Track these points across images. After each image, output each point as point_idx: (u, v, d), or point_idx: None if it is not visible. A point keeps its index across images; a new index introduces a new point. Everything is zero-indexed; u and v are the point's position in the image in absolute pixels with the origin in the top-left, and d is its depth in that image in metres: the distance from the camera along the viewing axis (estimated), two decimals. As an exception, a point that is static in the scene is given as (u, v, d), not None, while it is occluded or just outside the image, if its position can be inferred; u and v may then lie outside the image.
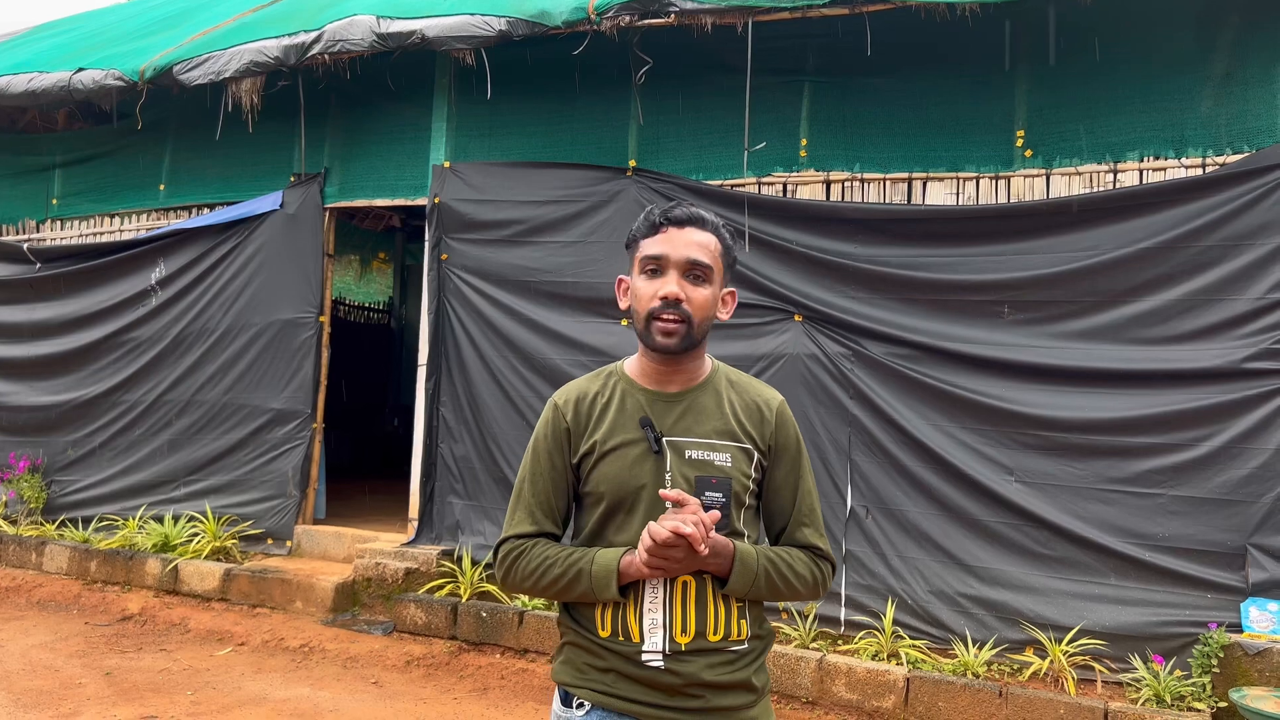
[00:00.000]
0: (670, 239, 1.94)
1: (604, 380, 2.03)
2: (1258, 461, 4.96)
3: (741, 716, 1.90)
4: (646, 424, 1.93)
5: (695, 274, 1.93)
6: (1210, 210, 5.11)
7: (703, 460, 1.92)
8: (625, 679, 1.88)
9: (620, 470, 1.92)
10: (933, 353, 5.63)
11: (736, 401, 2.00)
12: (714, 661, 1.88)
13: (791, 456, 2.01)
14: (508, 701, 5.27)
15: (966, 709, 4.93)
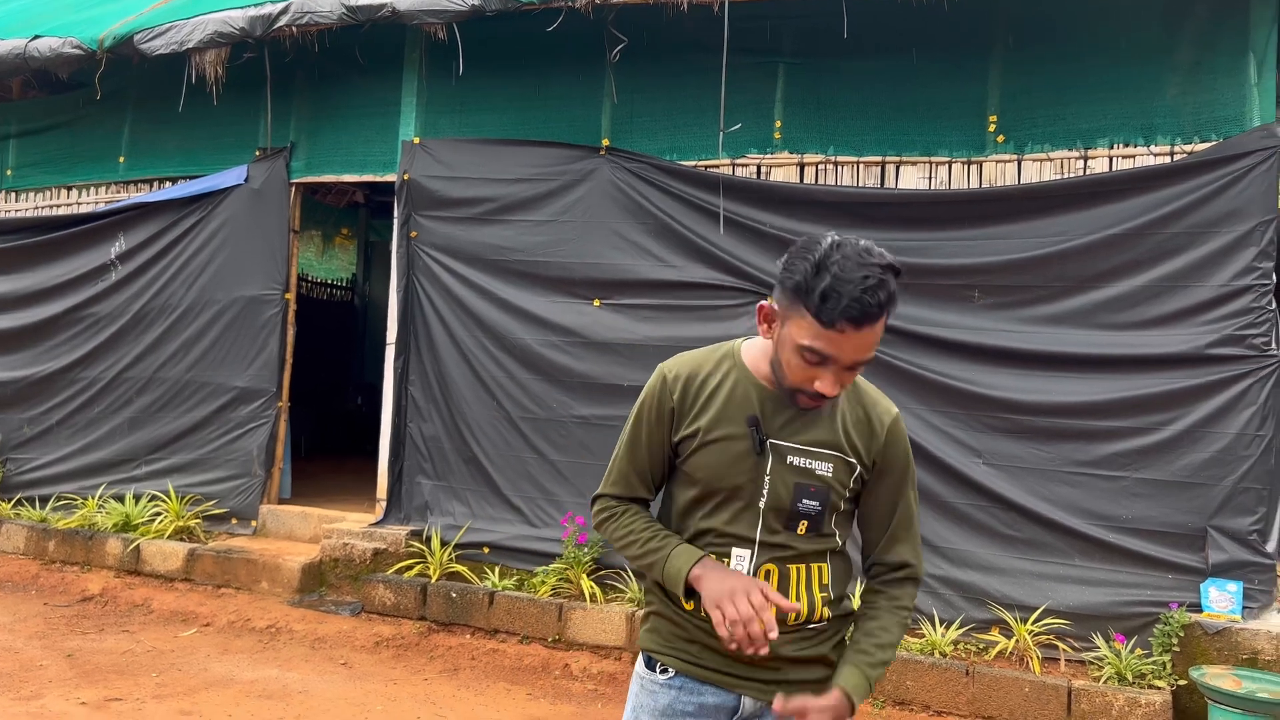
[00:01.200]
0: (843, 342, 1.71)
1: (718, 361, 1.95)
2: (1219, 445, 5.06)
3: (815, 684, 1.92)
4: (753, 423, 1.88)
5: (859, 366, 1.79)
6: (1178, 198, 5.18)
7: (804, 468, 1.89)
8: (708, 650, 1.92)
9: (719, 463, 1.89)
10: (904, 336, 5.66)
11: (849, 413, 1.95)
12: (794, 638, 1.92)
13: (898, 474, 1.98)
14: (479, 682, 5.26)
15: (934, 687, 5.00)
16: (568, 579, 6.03)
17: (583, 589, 5.89)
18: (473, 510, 6.59)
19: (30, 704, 4.61)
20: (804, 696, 1.86)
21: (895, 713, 4.99)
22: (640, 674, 2.03)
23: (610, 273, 6.32)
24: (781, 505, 1.89)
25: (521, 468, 6.51)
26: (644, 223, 6.27)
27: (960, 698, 4.95)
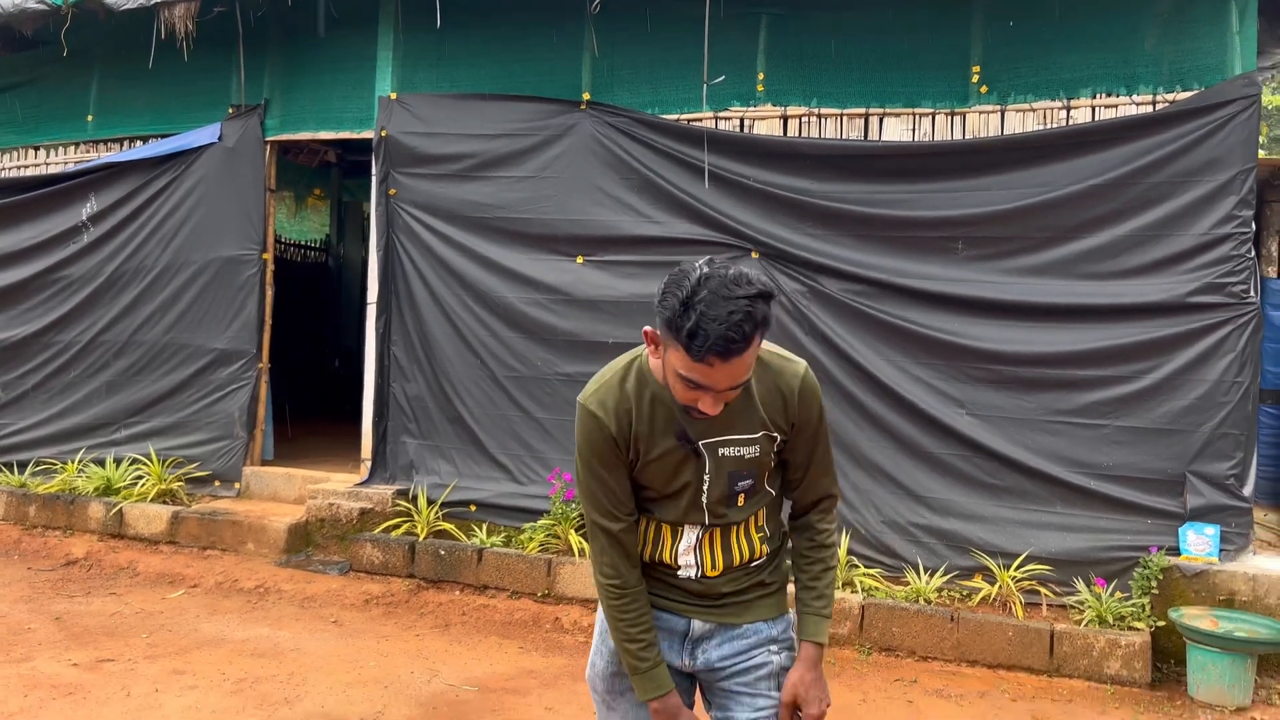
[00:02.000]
0: (714, 374, 1.80)
1: (634, 388, 2.03)
2: (1198, 393, 5.14)
3: (755, 605, 2.16)
4: (682, 436, 2.01)
5: (735, 388, 1.87)
6: (1160, 147, 5.21)
7: (734, 456, 2.04)
8: (663, 584, 2.16)
9: (665, 472, 2.05)
10: (888, 289, 5.69)
11: (761, 394, 2.03)
12: (736, 576, 2.14)
13: (812, 426, 2.10)
14: (470, 637, 5.30)
15: (919, 633, 5.09)
16: (556, 535, 6.06)
17: (571, 544, 5.92)
18: (459, 469, 6.59)
19: (21, 666, 4.60)
20: (790, 679, 2.08)
21: (882, 658, 5.08)
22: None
23: (593, 229, 6.29)
24: (722, 493, 2.06)
25: (507, 426, 6.51)
26: (627, 178, 6.23)
27: (945, 643, 5.04)
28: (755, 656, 2.11)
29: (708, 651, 2.13)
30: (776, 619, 2.15)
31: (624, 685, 2.18)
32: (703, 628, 2.13)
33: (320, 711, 4.21)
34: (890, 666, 4.99)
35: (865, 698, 4.58)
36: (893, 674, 4.89)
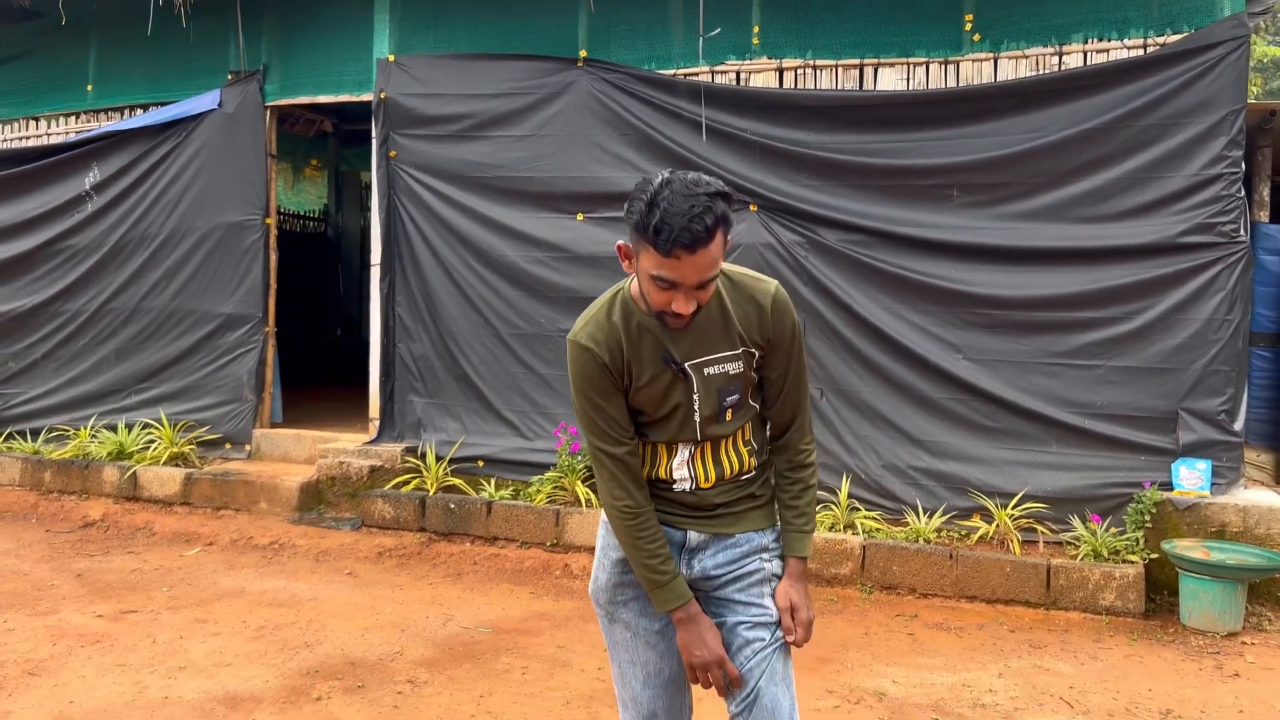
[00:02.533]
0: (684, 267, 1.91)
1: (620, 318, 2.12)
2: (1189, 331, 5.25)
3: (746, 516, 2.26)
4: (669, 360, 2.12)
5: (705, 285, 1.97)
6: (1150, 90, 5.28)
7: (719, 374, 2.15)
8: (660, 498, 2.25)
9: (656, 396, 2.15)
10: (884, 237, 5.78)
11: (735, 310, 2.13)
12: (727, 488, 2.24)
13: (785, 344, 2.19)
14: (482, 584, 5.44)
15: (919, 571, 5.23)
16: (563, 486, 6.19)
17: (578, 495, 6.05)
18: (466, 426, 6.71)
19: (48, 619, 4.73)
20: (780, 590, 2.20)
21: (883, 596, 5.23)
22: (604, 522, 2.31)
23: (593, 186, 6.36)
24: (712, 410, 2.16)
25: (512, 382, 6.62)
26: (625, 134, 6.29)
27: (944, 580, 5.18)
28: (748, 564, 2.21)
29: (703, 560, 2.23)
30: (767, 529, 2.25)
31: (625, 596, 2.27)
32: (698, 538, 2.23)
33: (340, 653, 4.34)
34: (892, 604, 5.14)
35: (868, 632, 4.72)
36: (894, 610, 5.04)
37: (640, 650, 2.25)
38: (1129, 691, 4.02)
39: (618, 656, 2.29)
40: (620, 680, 2.29)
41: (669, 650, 2.24)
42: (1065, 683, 4.10)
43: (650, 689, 2.25)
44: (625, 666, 2.28)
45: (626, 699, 2.28)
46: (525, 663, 4.27)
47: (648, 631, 2.25)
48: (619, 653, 2.29)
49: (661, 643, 2.25)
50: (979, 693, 3.99)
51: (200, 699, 3.82)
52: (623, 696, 2.29)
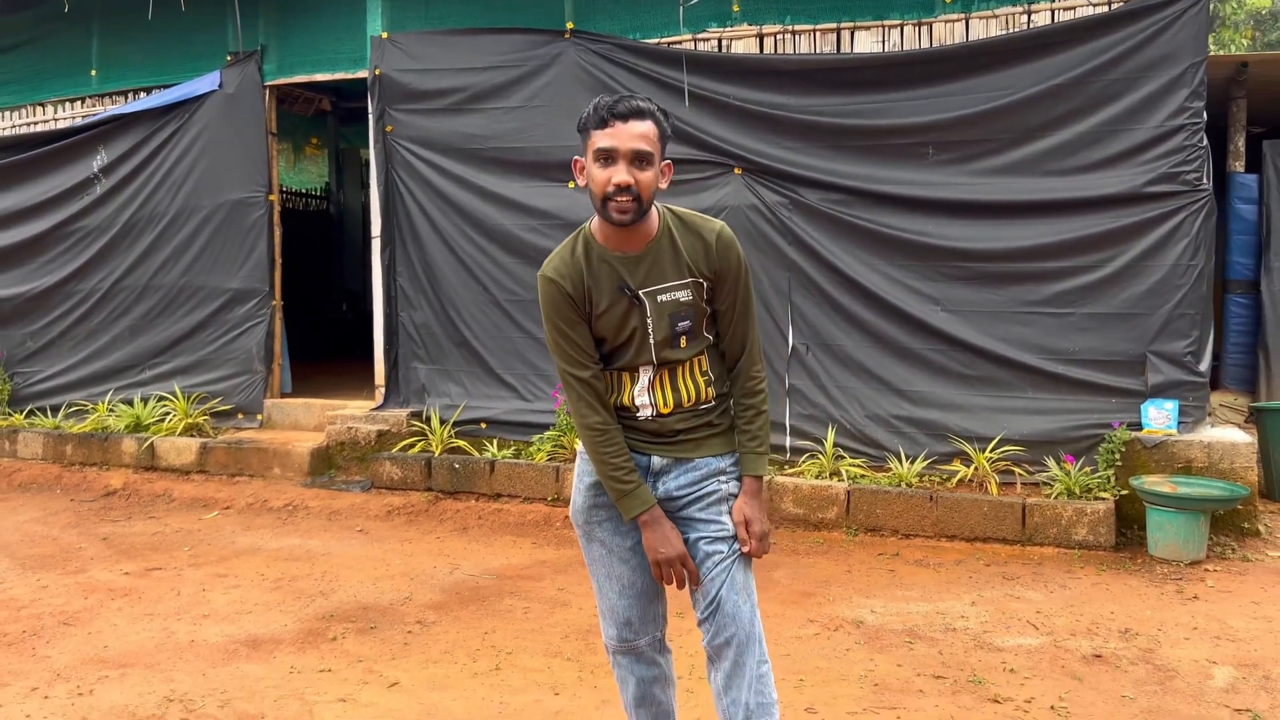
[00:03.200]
0: (617, 133, 2.24)
1: (581, 252, 2.40)
2: (1156, 277, 5.47)
3: (706, 442, 2.49)
4: (624, 286, 2.37)
5: (641, 161, 2.26)
6: (1116, 45, 5.47)
7: (670, 301, 2.39)
8: (625, 427, 2.48)
9: (614, 322, 2.40)
10: (864, 196, 5.99)
11: (684, 245, 2.41)
12: (687, 416, 2.47)
13: (732, 277, 2.44)
14: (487, 537, 5.72)
15: (901, 514, 5.49)
16: (562, 445, 6.45)
17: (576, 452, 6.31)
18: (468, 390, 6.97)
19: (78, 576, 5.03)
20: (737, 506, 2.43)
21: (867, 538, 5.49)
22: (580, 452, 2.55)
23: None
24: (665, 335, 2.40)
25: (511, 347, 6.87)
26: (612, 103, 6.48)
27: (925, 521, 5.44)
28: (707, 486, 2.46)
29: (667, 483, 2.46)
30: (725, 454, 2.49)
31: (599, 517, 2.50)
32: (661, 462, 2.46)
33: (354, 600, 4.63)
34: (875, 544, 5.40)
35: (850, 569, 4.99)
36: (877, 550, 5.31)
37: (615, 565, 2.50)
38: (1092, 614, 4.28)
39: (596, 572, 2.54)
40: (599, 593, 2.55)
41: (641, 565, 2.48)
42: (1033, 608, 4.37)
43: (625, 599, 2.50)
44: (603, 580, 2.53)
45: (604, 609, 2.54)
46: (527, 604, 4.55)
47: (621, 548, 2.49)
48: (597, 568, 2.54)
49: (634, 558, 2.49)
50: (951, 619, 4.26)
51: (224, 641, 4.11)
52: (602, 607, 2.55)
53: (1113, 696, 3.45)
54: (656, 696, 2.59)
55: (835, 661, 3.81)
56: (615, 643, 2.55)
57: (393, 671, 3.77)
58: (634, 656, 2.55)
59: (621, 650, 2.55)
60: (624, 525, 2.48)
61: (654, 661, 2.57)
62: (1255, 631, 4.05)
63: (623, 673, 2.58)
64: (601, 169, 2.27)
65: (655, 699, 2.59)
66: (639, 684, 2.56)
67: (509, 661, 3.86)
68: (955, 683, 3.59)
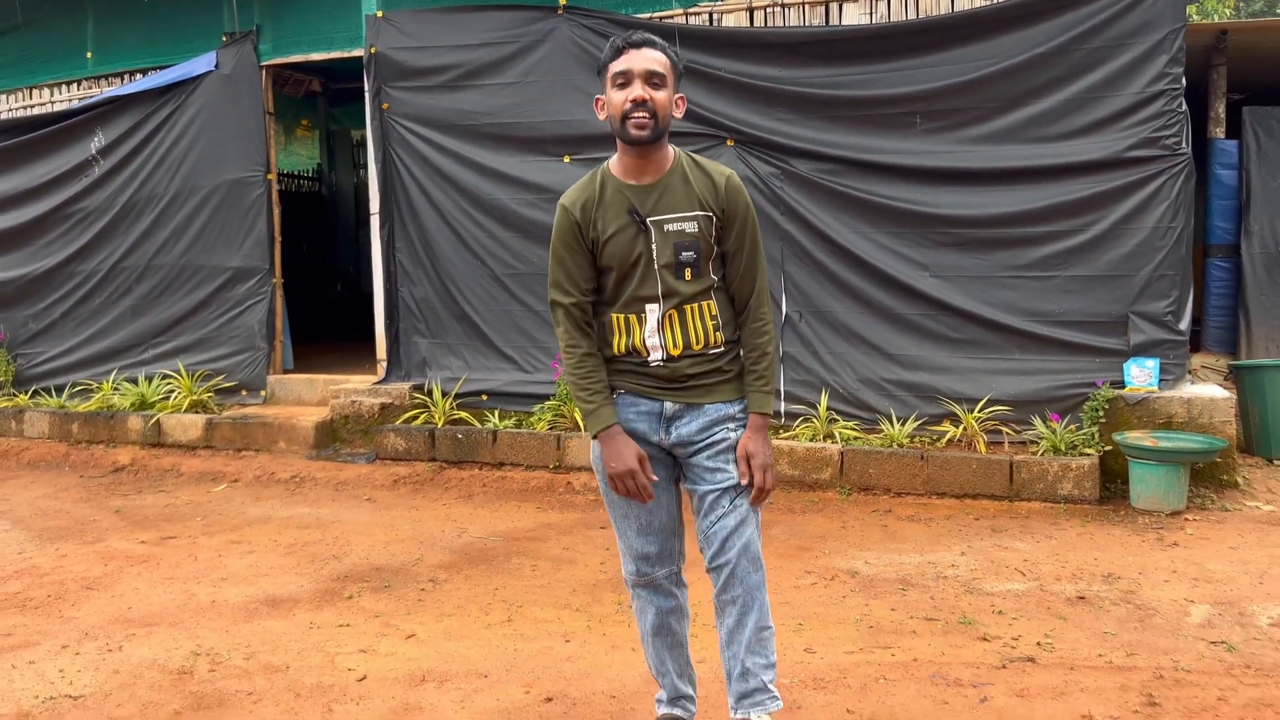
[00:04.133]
0: (631, 58, 2.46)
1: (597, 182, 2.60)
2: (1138, 239, 5.64)
3: (716, 388, 2.63)
4: (633, 212, 2.53)
5: (654, 81, 2.46)
6: (1097, 14, 5.61)
7: (677, 230, 2.54)
8: (640, 375, 2.63)
9: (621, 247, 2.54)
10: (854, 165, 6.14)
11: (696, 182, 2.58)
12: (696, 361, 2.60)
13: (740, 220, 2.60)
14: (491, 503, 5.88)
15: (893, 473, 5.67)
16: (562, 414, 6.61)
17: (577, 421, 6.47)
18: (468, 363, 7.11)
19: (96, 545, 5.18)
20: (741, 441, 2.57)
21: (860, 497, 5.67)
22: None
23: (577, 129, 6.69)
24: (668, 261, 2.54)
25: (510, 320, 7.01)
26: (605, 77, 6.60)
27: (916, 479, 5.62)
28: (716, 432, 2.60)
29: (679, 428, 2.61)
30: (734, 401, 2.63)
31: None
32: (673, 408, 2.60)
33: (366, 562, 4.79)
34: (868, 502, 5.58)
35: (845, 525, 5.17)
36: (870, 507, 5.49)
37: (632, 506, 2.64)
38: (1077, 561, 4.47)
39: (614, 513, 2.69)
40: (619, 533, 2.70)
41: (657, 505, 2.64)
42: (1020, 557, 4.56)
43: (643, 536, 2.66)
44: (620, 520, 2.68)
45: (624, 547, 2.70)
46: (535, 562, 4.72)
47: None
48: (615, 510, 2.69)
49: (650, 500, 2.63)
50: (942, 568, 4.44)
51: (244, 601, 4.27)
52: (621, 546, 2.71)
53: (1095, 633, 3.64)
54: (672, 627, 2.74)
55: (832, 608, 3.98)
56: (634, 576, 2.71)
57: (409, 625, 3.93)
58: (653, 589, 2.71)
59: (641, 584, 2.71)
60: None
61: (671, 594, 2.72)
62: (1231, 573, 4.25)
63: (641, 604, 2.74)
64: (619, 91, 2.46)
65: (671, 629, 2.74)
66: (657, 614, 2.72)
67: (520, 614, 4.03)
68: (946, 624, 3.77)
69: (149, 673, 3.50)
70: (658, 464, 2.65)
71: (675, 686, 2.78)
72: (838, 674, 3.32)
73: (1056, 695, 3.10)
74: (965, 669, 3.34)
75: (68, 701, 3.28)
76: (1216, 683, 3.15)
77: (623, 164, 2.56)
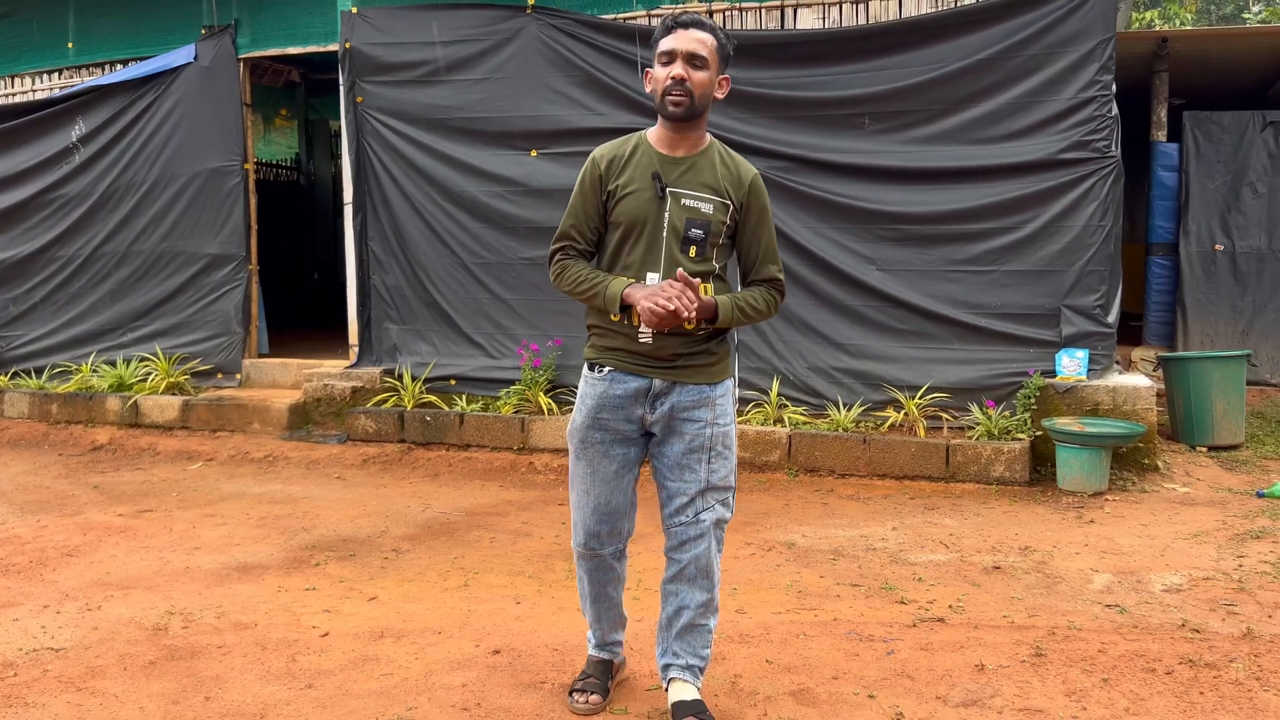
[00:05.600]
0: (678, 37, 2.62)
1: (631, 144, 2.77)
2: (1070, 237, 5.97)
3: (702, 370, 2.77)
4: (656, 176, 2.67)
5: (696, 62, 2.61)
6: (1034, 23, 5.93)
7: (693, 206, 2.69)
8: (629, 351, 2.75)
9: (634, 206, 2.69)
10: (806, 164, 6.44)
11: (723, 170, 2.75)
12: (686, 341, 2.73)
13: (758, 214, 2.79)
14: (457, 481, 6.16)
15: (837, 455, 5.99)
16: (527, 398, 6.89)
17: (540, 404, 6.76)
18: (438, 349, 7.38)
19: (75, 518, 5.42)
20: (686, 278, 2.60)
21: (806, 478, 5.99)
22: (585, 375, 2.87)
23: (544, 124, 6.96)
24: (677, 233, 2.68)
25: (478, 308, 7.28)
26: (571, 75, 6.89)
27: (859, 461, 5.94)
28: (695, 422, 2.72)
29: (664, 404, 2.72)
30: (718, 383, 2.78)
31: (594, 439, 2.80)
32: (661, 384, 2.72)
33: (334, 534, 5.06)
34: (812, 483, 5.90)
35: (788, 503, 5.48)
36: (814, 487, 5.80)
37: (595, 485, 2.82)
38: (998, 536, 4.80)
39: (576, 487, 2.87)
40: (576, 505, 2.89)
41: (618, 489, 2.82)
42: (947, 532, 4.88)
43: (597, 516, 2.85)
44: (580, 495, 2.87)
45: (578, 520, 2.89)
46: (493, 535, 5.00)
47: (605, 471, 2.82)
48: (577, 484, 2.86)
49: (613, 481, 2.81)
50: (873, 540, 4.76)
51: (216, 568, 4.53)
52: (575, 518, 2.90)
53: (1003, 598, 3.96)
54: (609, 594, 2.99)
55: (766, 575, 4.29)
56: (582, 549, 2.90)
57: (371, 589, 4.21)
58: (596, 562, 2.91)
59: (586, 556, 2.91)
60: (613, 451, 2.80)
61: (612, 568, 2.95)
62: (1137, 547, 4.58)
63: (583, 572, 2.96)
64: (663, 68, 2.62)
65: (608, 595, 2.99)
66: (595, 584, 2.96)
67: (476, 580, 4.31)
68: (869, 589, 4.08)
69: (126, 629, 3.76)
70: (630, 445, 2.81)
71: (608, 633, 3.07)
72: (763, 631, 3.62)
73: (956, 649, 3.41)
74: (879, 627, 3.65)
75: (49, 653, 3.54)
76: (1101, 638, 3.48)
77: (659, 134, 2.73)
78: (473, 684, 3.19)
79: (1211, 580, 4.10)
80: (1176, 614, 3.72)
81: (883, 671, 3.23)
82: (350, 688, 3.19)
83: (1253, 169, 7.82)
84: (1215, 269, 7.92)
